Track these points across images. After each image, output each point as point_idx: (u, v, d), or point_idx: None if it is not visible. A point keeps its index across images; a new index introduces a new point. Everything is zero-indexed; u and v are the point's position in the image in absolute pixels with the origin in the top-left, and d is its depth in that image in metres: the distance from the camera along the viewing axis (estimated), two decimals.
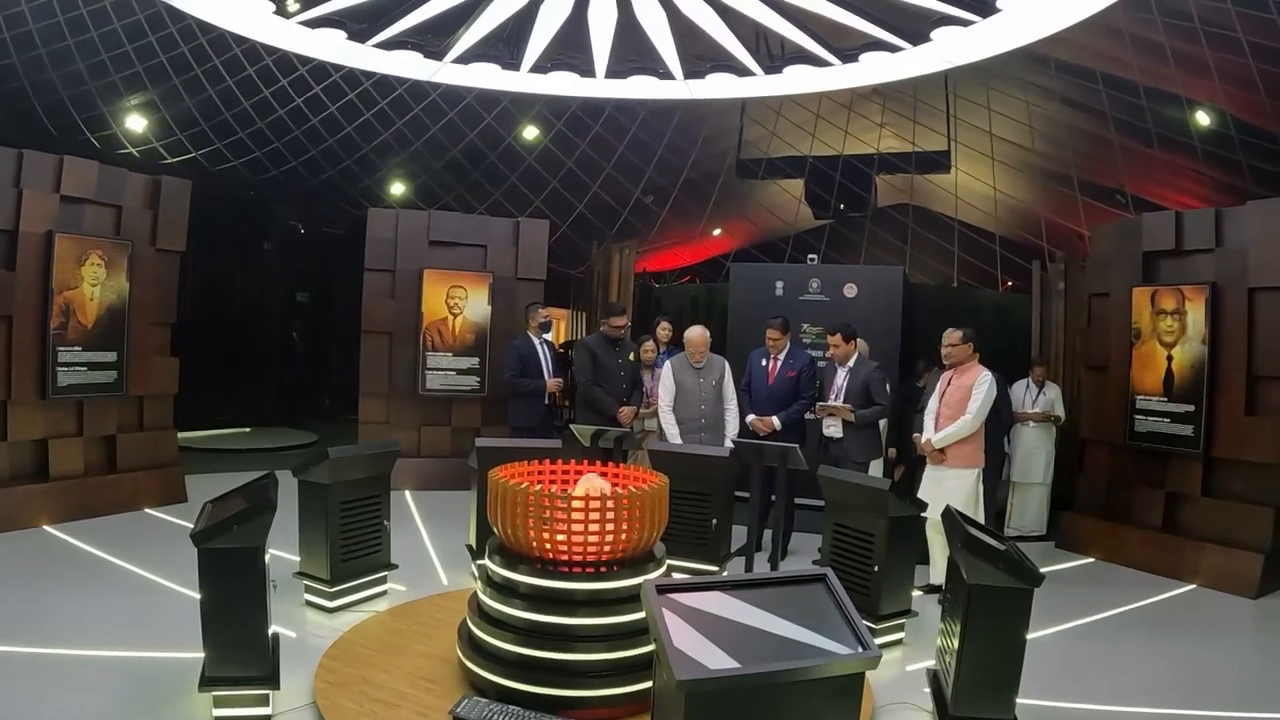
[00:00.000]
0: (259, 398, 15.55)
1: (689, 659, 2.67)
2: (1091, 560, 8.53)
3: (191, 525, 7.83)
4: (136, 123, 13.36)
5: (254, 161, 14.48)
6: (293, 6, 9.09)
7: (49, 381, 8.30)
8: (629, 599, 4.45)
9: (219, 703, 4.32)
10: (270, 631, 4.56)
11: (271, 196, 15.73)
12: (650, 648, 4.35)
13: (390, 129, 14.65)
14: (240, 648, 4.36)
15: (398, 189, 16.69)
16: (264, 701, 4.36)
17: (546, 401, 9.13)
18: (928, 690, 4.77)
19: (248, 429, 14.65)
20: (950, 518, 4.76)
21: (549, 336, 9.43)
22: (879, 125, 16.03)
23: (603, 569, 4.48)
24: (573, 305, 17.33)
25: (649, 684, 4.29)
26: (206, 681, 4.34)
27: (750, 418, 8.00)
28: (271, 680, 4.38)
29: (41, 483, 8.32)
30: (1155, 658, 6.00)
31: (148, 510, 8.82)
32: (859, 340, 8.18)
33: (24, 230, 8.13)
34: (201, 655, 4.48)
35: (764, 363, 8.09)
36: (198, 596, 5.83)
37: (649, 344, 9.19)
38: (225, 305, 15.00)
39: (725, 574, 5.97)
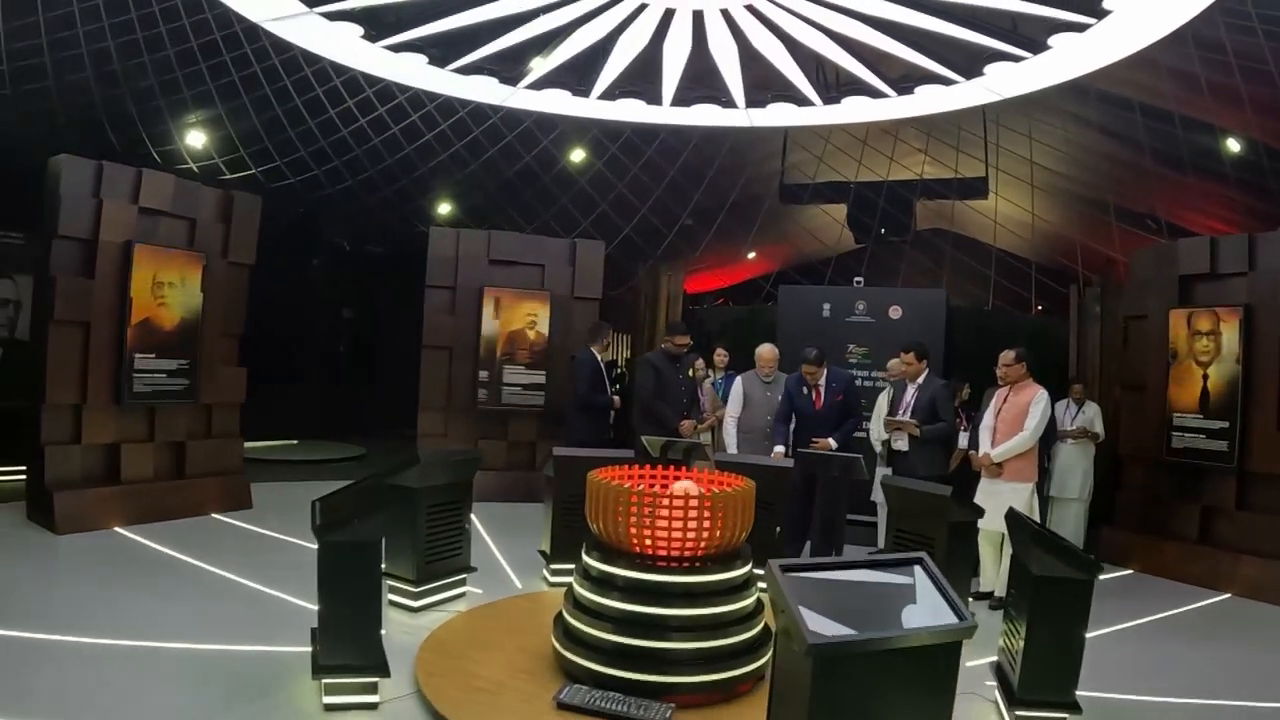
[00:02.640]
0: (304, 411, 15.79)
1: (814, 628, 3.04)
2: (1130, 572, 8.77)
3: (260, 530, 8.26)
4: (197, 138, 13.67)
5: (312, 179, 14.80)
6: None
7: (124, 387, 8.58)
8: (718, 592, 4.82)
9: (330, 690, 4.58)
10: None
11: (321, 214, 16.06)
12: (738, 638, 4.78)
13: (449, 150, 14.95)
14: (354, 638, 4.63)
15: (444, 208, 17.02)
16: (373, 690, 4.63)
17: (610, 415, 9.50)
18: (990, 682, 5.10)
19: (294, 441, 14.90)
20: (1015, 517, 5.12)
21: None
22: (922, 152, 16.32)
23: (697, 564, 4.84)
24: (615, 326, 17.56)
25: (737, 672, 4.72)
26: (320, 669, 4.61)
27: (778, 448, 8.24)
28: (382, 669, 4.65)
29: (113, 486, 8.57)
30: (1194, 656, 6.33)
31: (214, 515, 9.01)
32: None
33: (103, 239, 8.42)
34: (293, 649, 4.86)
35: (805, 390, 8.28)
36: (279, 595, 6.24)
37: (699, 362, 9.56)
38: (272, 320, 15.28)
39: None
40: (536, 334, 10.97)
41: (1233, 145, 12.25)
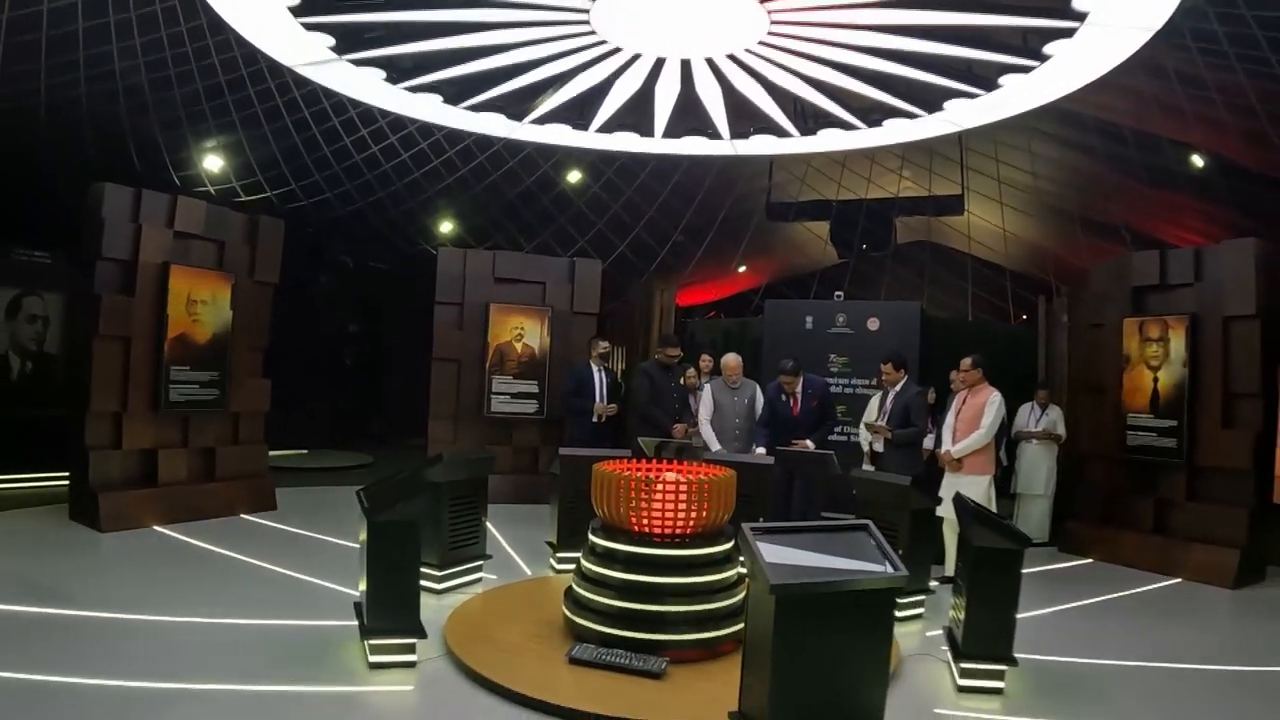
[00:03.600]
0: (312, 422, 16.24)
1: (777, 573, 3.81)
2: (1090, 561, 9.39)
3: (287, 528, 9.08)
4: (213, 163, 14.25)
5: (323, 202, 15.44)
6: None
7: (161, 397, 9.24)
8: (706, 564, 5.62)
9: (374, 650, 5.30)
10: None
11: (330, 234, 16.65)
12: (721, 604, 5.59)
13: (455, 174, 15.60)
14: (396, 604, 5.35)
15: (447, 227, 17.65)
16: (411, 650, 5.35)
17: (595, 420, 10.18)
18: (944, 647, 5.84)
19: (304, 451, 15.38)
20: (961, 500, 5.90)
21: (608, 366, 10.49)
22: (897, 172, 16.98)
23: (686, 540, 5.63)
24: (610, 340, 18.06)
25: (720, 633, 5.53)
26: (366, 631, 5.35)
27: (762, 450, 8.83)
28: (420, 631, 5.37)
29: (151, 488, 9.21)
30: (1139, 629, 7.02)
31: (243, 516, 9.65)
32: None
33: (143, 261, 9.11)
34: (333, 623, 5.68)
35: (784, 398, 8.89)
36: (314, 580, 7.02)
37: (690, 371, 10.30)
38: (281, 334, 15.70)
39: None
40: (524, 346, 11.63)
41: (1191, 159, 12.88)
